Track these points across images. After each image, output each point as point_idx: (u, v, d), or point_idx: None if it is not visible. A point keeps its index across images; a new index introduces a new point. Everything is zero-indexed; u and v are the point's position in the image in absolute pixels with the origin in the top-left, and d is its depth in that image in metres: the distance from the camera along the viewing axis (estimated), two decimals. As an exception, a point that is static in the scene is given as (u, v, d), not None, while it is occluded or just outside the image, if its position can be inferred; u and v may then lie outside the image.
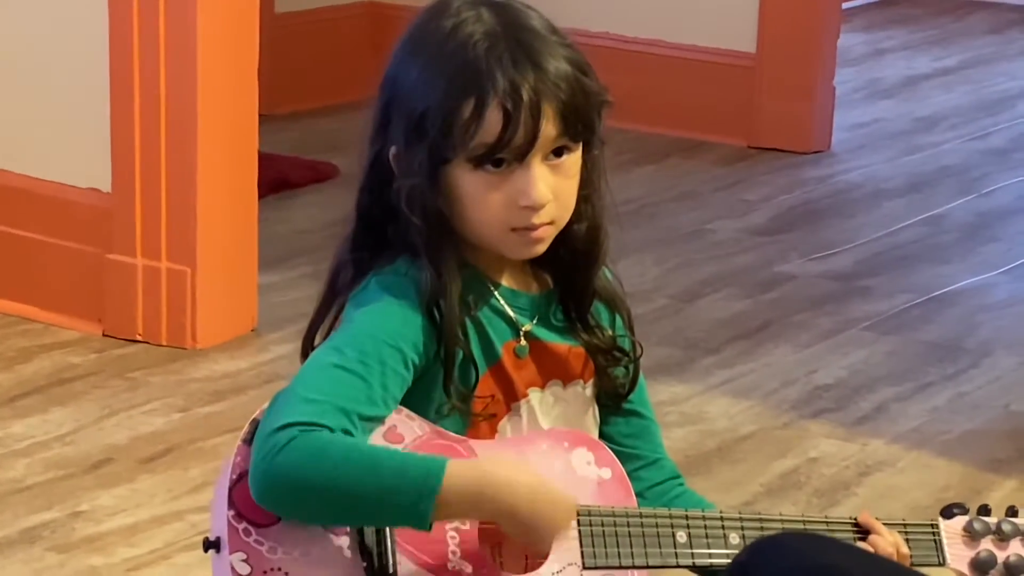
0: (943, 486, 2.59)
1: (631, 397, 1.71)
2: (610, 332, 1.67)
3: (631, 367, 1.69)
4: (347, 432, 1.49)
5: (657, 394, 2.79)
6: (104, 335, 3.02)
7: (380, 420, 1.54)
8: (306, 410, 1.48)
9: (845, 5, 4.82)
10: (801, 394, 2.90)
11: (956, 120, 4.67)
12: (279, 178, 3.75)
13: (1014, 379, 3.00)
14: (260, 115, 3.08)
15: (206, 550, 1.54)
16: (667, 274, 3.43)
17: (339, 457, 1.46)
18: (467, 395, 1.59)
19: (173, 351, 2.97)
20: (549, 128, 1.55)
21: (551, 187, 1.57)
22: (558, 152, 1.58)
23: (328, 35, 4.51)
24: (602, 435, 1.70)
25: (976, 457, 2.69)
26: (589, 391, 1.68)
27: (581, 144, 1.59)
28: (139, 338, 3.00)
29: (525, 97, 1.53)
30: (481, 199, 1.57)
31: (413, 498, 1.45)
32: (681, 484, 1.74)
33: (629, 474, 1.65)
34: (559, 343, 1.65)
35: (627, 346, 1.69)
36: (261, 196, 3.11)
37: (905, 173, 4.19)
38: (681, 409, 2.81)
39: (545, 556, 1.56)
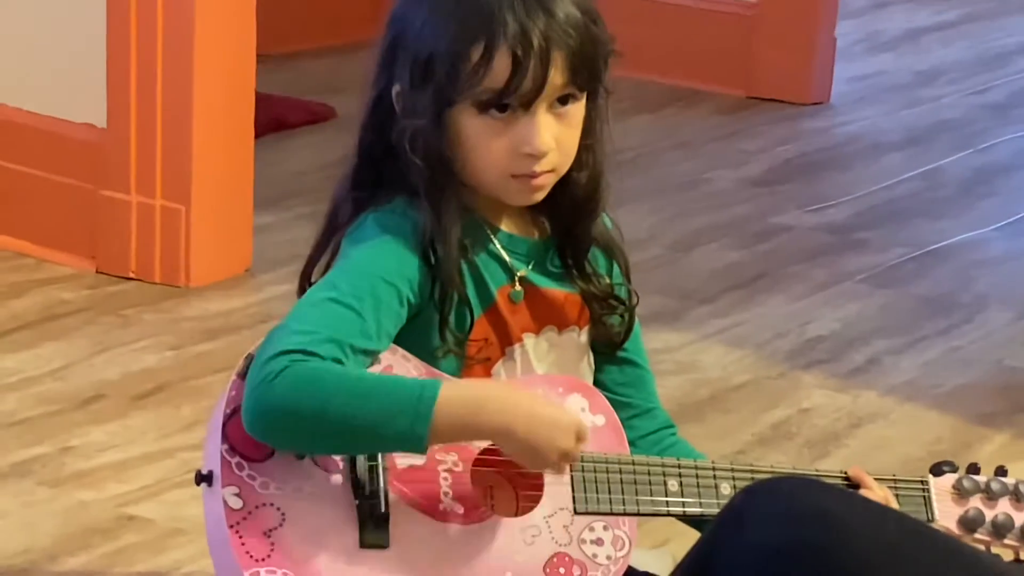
0: (934, 439, 2.59)
1: (626, 345, 1.71)
2: (607, 280, 1.67)
3: (627, 315, 1.69)
4: (338, 362, 1.48)
5: (651, 342, 2.77)
6: (97, 272, 3.01)
7: (374, 354, 1.54)
8: (298, 340, 1.48)
9: (847, -43, 4.80)
10: (794, 345, 2.90)
11: (956, 74, 4.65)
12: (275, 119, 3.73)
13: (1007, 334, 3.00)
14: (257, 55, 3.06)
15: (198, 483, 1.54)
16: (663, 223, 3.42)
17: (333, 384, 1.45)
18: (462, 338, 1.59)
19: (166, 289, 2.96)
20: (556, 76, 1.54)
21: (554, 135, 1.56)
22: (563, 100, 1.57)
23: (327, -25, 4.47)
24: (596, 382, 1.70)
25: (968, 411, 2.69)
26: (584, 338, 1.68)
27: (586, 93, 1.59)
28: (132, 275, 2.99)
29: (535, 43, 1.52)
30: (484, 144, 1.56)
31: (409, 420, 1.45)
32: (673, 434, 1.74)
33: (622, 422, 1.65)
34: (555, 289, 1.65)
35: (623, 294, 1.69)
36: (257, 136, 3.09)
37: (903, 127, 4.17)
38: (675, 358, 2.81)
39: (540, 488, 1.56)
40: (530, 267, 1.64)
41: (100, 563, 2.11)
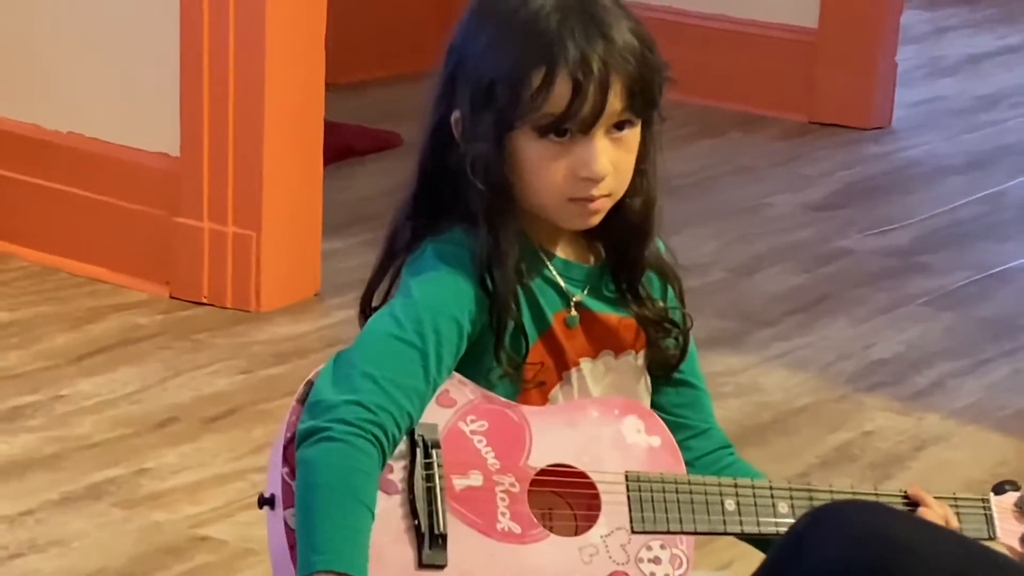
0: (998, 461, 2.56)
1: (682, 367, 1.70)
2: (661, 304, 1.67)
3: (681, 338, 1.68)
4: (409, 414, 1.51)
5: (713, 365, 2.78)
6: (170, 297, 3.03)
7: (436, 388, 1.54)
8: (366, 387, 1.50)
9: (908, -18, 4.77)
10: (857, 368, 2.88)
11: (1018, 98, 4.61)
12: (343, 146, 3.76)
13: (1071, 357, 2.97)
14: (325, 84, 3.08)
15: (261, 506, 1.55)
16: (725, 247, 3.41)
17: (323, 487, 1.48)
18: (518, 362, 1.59)
19: (237, 314, 2.98)
20: (615, 101, 1.54)
21: (611, 160, 1.56)
22: (620, 126, 1.57)
23: (393, 5, 4.50)
24: (653, 404, 1.69)
25: (1031, 434, 2.66)
26: (640, 361, 1.67)
27: (641, 119, 1.59)
28: (204, 300, 3.02)
29: (595, 69, 1.53)
30: (543, 167, 1.56)
31: (314, 558, 1.47)
32: (732, 454, 1.73)
33: (679, 443, 1.64)
34: (609, 314, 1.64)
35: (678, 318, 1.68)
36: (325, 164, 3.11)
37: (965, 151, 4.14)
38: (737, 380, 2.79)
39: (598, 508, 1.56)
40: (585, 292, 1.64)
41: (173, 583, 2.13)
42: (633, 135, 1.58)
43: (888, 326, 3.06)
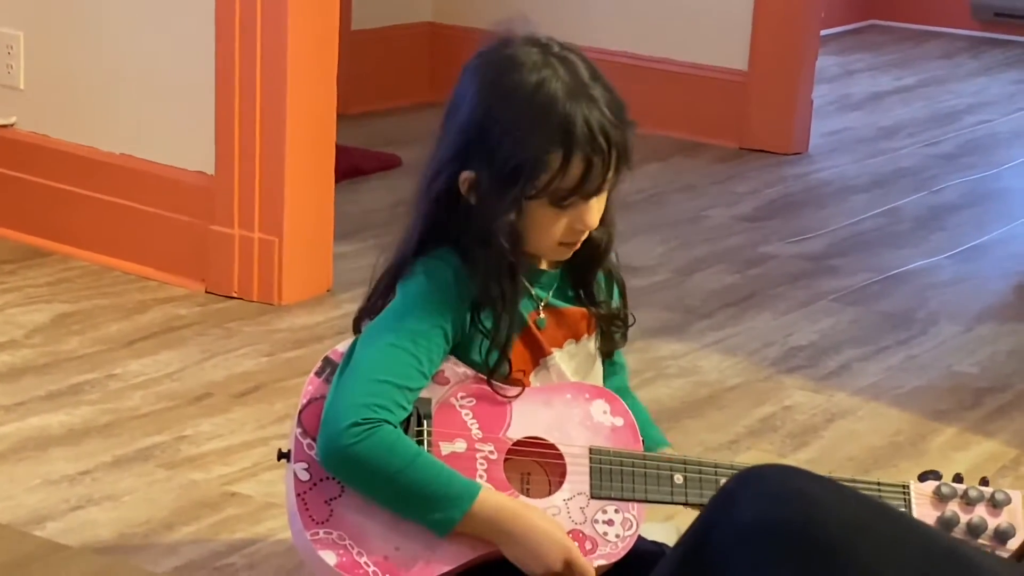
0: (895, 431, 2.57)
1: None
2: (611, 304, 1.69)
3: (625, 332, 1.71)
4: (403, 408, 1.51)
5: (660, 350, 2.78)
6: (206, 292, 3.02)
7: (426, 383, 1.56)
8: (373, 390, 1.50)
9: (822, 32, 4.78)
10: (779, 353, 2.88)
11: (912, 129, 4.63)
12: (352, 166, 3.75)
13: (955, 344, 2.98)
14: (337, 114, 3.07)
15: (279, 459, 1.55)
16: (670, 252, 3.41)
17: (404, 461, 1.48)
18: (500, 361, 1.61)
19: (263, 306, 2.97)
20: (612, 172, 1.56)
21: (599, 212, 1.59)
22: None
23: (394, 49, 4.50)
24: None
25: (923, 408, 2.67)
26: (592, 345, 1.69)
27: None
28: (235, 295, 3.01)
29: (602, 147, 1.52)
30: (549, 225, 1.58)
31: (444, 515, 1.48)
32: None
33: None
34: (572, 308, 1.66)
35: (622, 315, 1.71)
36: (337, 181, 3.11)
37: (869, 173, 4.15)
38: (679, 364, 2.80)
39: (564, 475, 1.56)
40: (551, 294, 1.65)
41: (208, 532, 2.12)
42: (612, 186, 1.60)
43: (804, 318, 3.07)
